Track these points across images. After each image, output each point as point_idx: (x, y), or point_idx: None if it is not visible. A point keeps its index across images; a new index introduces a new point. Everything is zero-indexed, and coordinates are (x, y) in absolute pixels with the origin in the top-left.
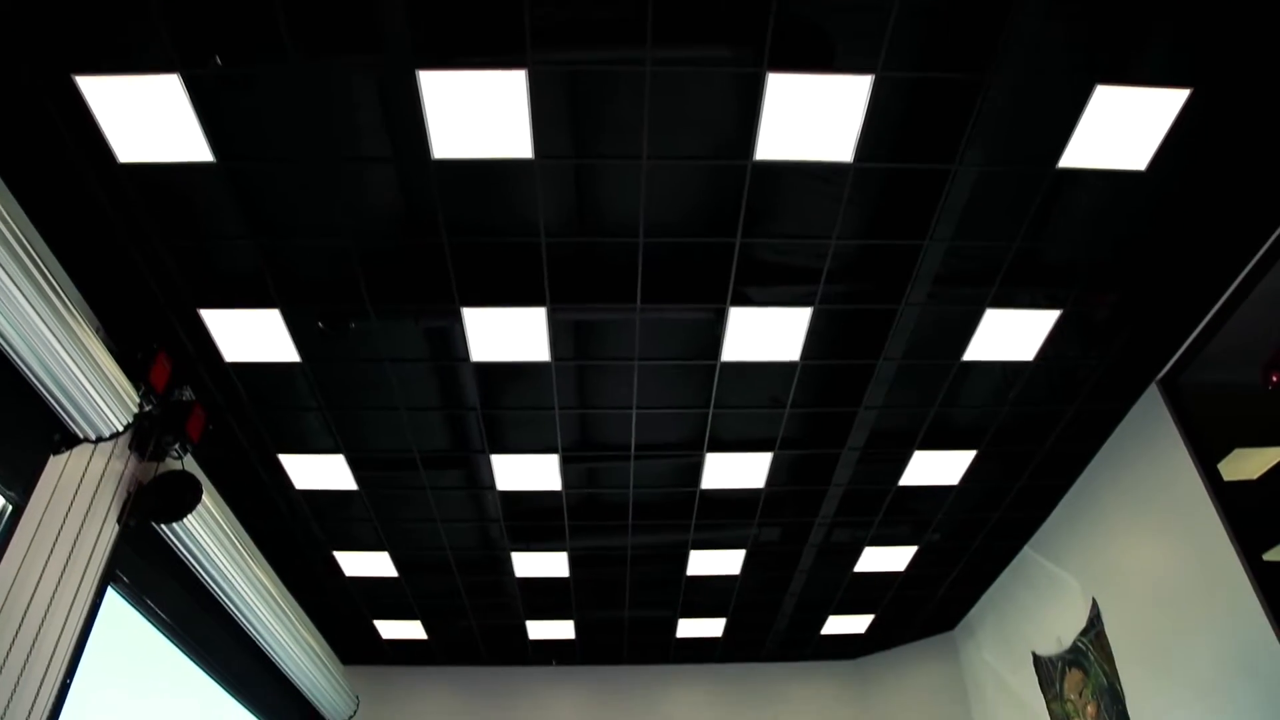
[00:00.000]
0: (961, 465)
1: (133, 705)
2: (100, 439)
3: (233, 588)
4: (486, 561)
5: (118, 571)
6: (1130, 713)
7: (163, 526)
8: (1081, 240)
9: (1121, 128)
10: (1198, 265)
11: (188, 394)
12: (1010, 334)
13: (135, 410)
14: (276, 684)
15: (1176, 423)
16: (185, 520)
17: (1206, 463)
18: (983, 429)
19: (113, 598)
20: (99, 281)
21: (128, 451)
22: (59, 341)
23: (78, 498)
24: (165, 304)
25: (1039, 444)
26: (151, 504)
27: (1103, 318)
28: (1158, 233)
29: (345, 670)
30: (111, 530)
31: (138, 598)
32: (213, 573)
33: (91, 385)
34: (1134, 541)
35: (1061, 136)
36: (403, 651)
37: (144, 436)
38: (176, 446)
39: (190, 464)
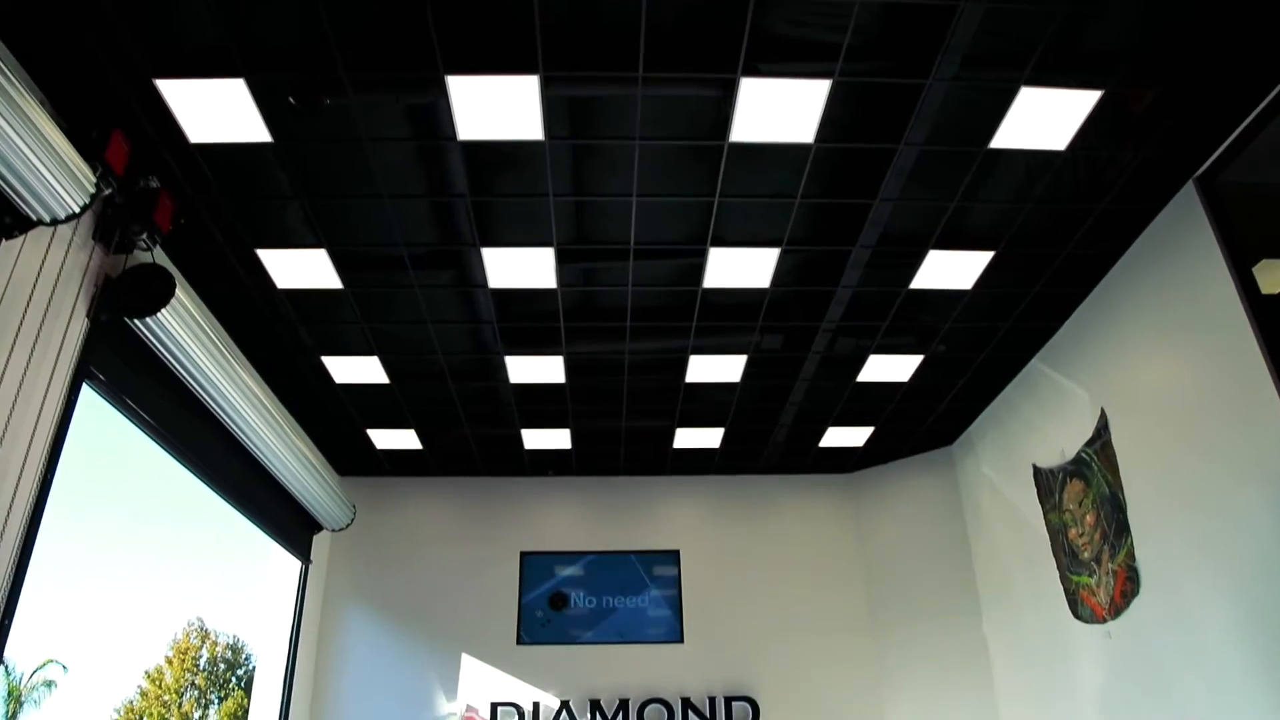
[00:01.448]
0: (977, 268)
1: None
2: (56, 221)
3: (218, 390)
4: (480, 367)
5: (92, 369)
6: (1130, 521)
7: (137, 323)
8: (1127, 20)
9: None
10: (1247, 56)
11: (154, 183)
12: (1043, 118)
13: (92, 191)
14: (271, 491)
15: (1212, 225)
16: (161, 317)
17: (1241, 269)
18: (1003, 229)
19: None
20: (43, 52)
21: (91, 242)
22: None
23: (38, 288)
24: (118, 75)
25: (1060, 246)
26: (122, 298)
27: (1142, 107)
28: (1207, 17)
29: (341, 481)
30: (81, 325)
31: (117, 397)
32: (196, 374)
33: (40, 161)
34: (1150, 352)
35: None
36: (398, 462)
37: (108, 226)
38: (145, 237)
39: (162, 259)
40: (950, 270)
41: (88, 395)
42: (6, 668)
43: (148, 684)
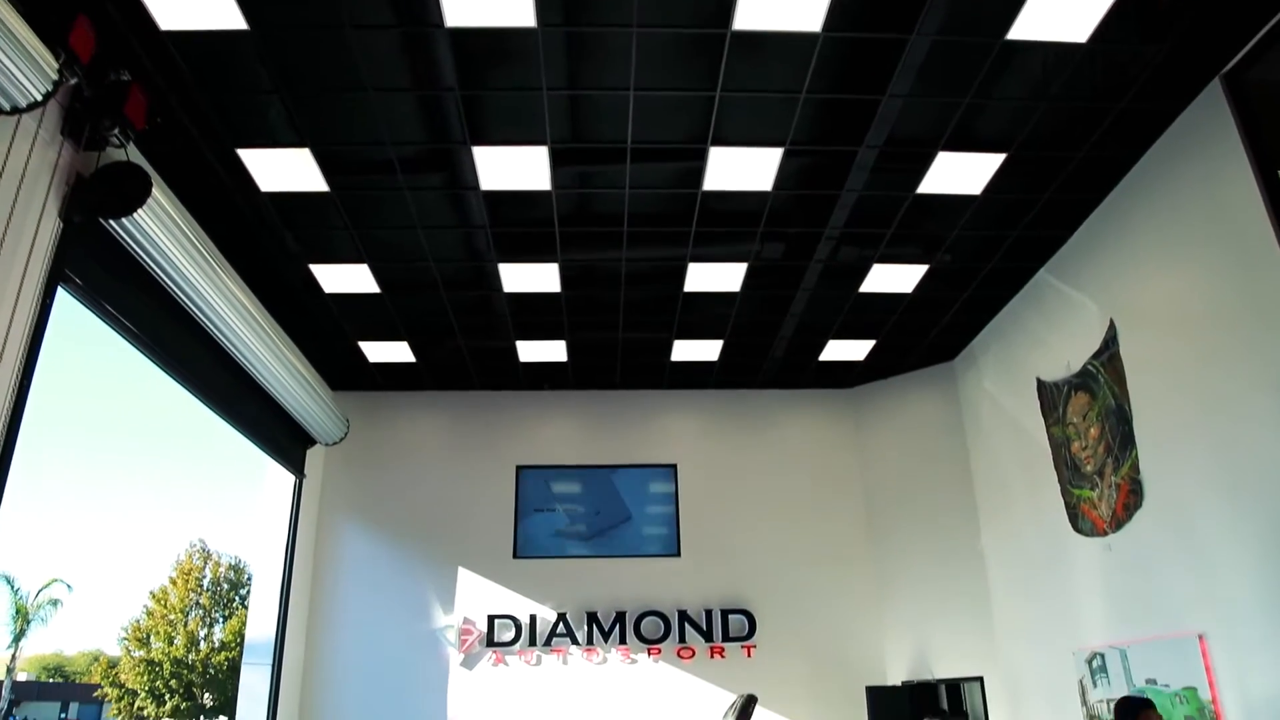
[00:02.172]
0: (987, 172)
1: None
2: (18, 109)
3: (203, 298)
4: (473, 276)
5: (68, 272)
6: (1136, 433)
7: (114, 226)
8: None
9: None
10: None
11: (125, 76)
12: (1064, 8)
13: (54, 77)
14: (262, 404)
15: (1238, 126)
16: (138, 219)
17: (1267, 174)
18: (1016, 130)
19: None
20: None
21: (60, 138)
22: None
23: (3, 184)
24: None
25: (1075, 149)
26: (95, 198)
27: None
28: None
29: (334, 396)
30: (53, 225)
31: (95, 302)
32: (179, 280)
33: None
34: (1163, 262)
35: None
36: (391, 376)
37: (77, 120)
38: (117, 133)
39: (138, 159)
40: (959, 174)
41: (67, 303)
42: (12, 586)
43: (154, 604)
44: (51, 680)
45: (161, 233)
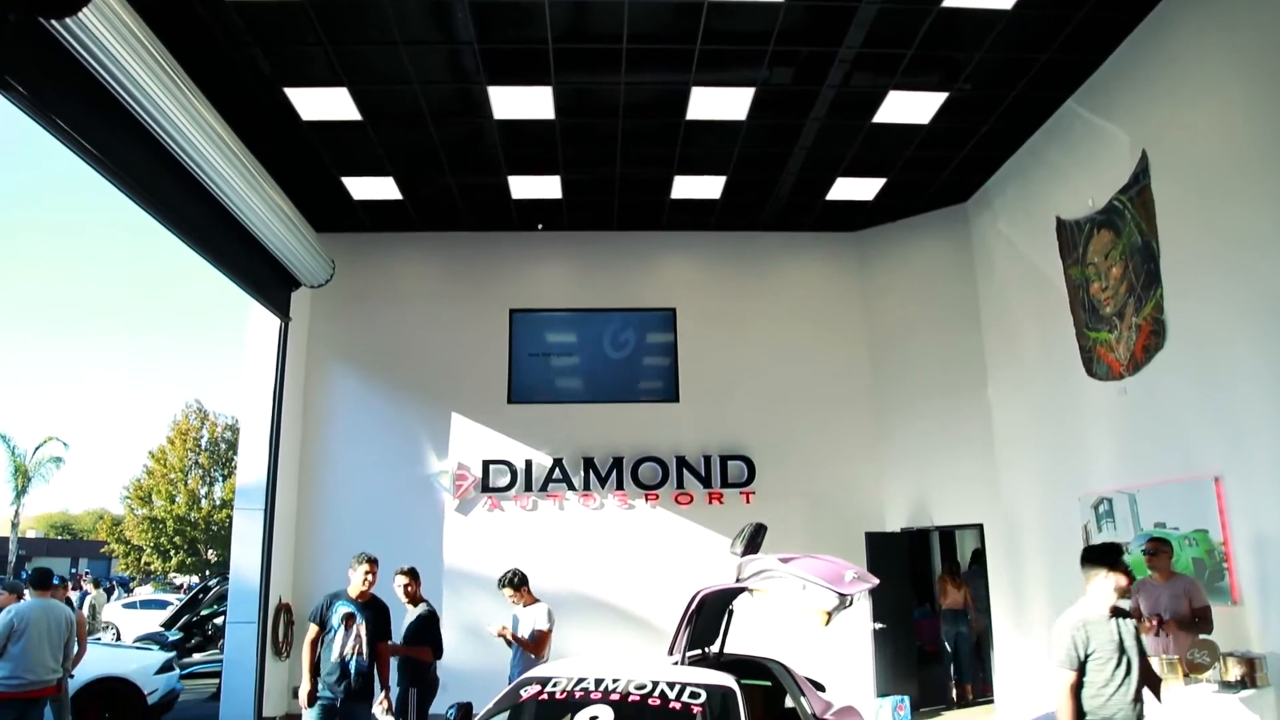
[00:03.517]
0: None
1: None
2: None
3: (168, 119)
4: (461, 101)
5: (7, 78)
6: (1162, 270)
7: (61, 30)
8: None
9: None
10: None
11: None
12: None
13: None
14: (243, 243)
15: None
16: (88, 23)
17: None
18: None
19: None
20: None
21: None
22: None
23: None
24: None
25: None
26: None
27: None
28: None
29: (319, 238)
30: None
31: (42, 113)
32: (140, 98)
33: None
34: (1204, 89)
35: None
36: (377, 215)
37: None
38: None
39: None
40: None
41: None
42: (9, 444)
43: (153, 464)
44: (60, 538)
45: (117, 42)
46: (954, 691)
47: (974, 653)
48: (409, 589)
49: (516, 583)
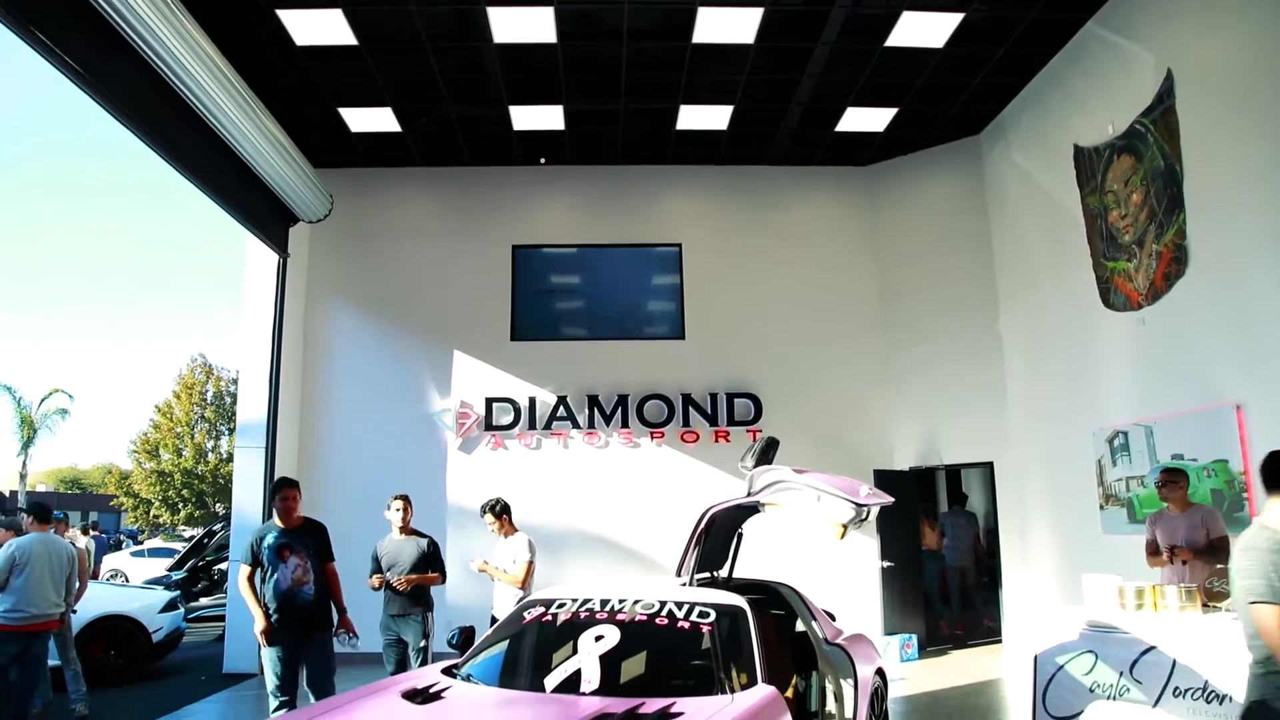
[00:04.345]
0: None
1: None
2: None
3: (159, 42)
4: (459, 23)
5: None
6: (1186, 194)
7: None
8: None
9: None
10: None
11: None
12: None
13: None
14: (237, 172)
15: None
16: None
17: None
18: None
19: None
20: None
21: None
22: None
23: None
24: None
25: None
26: None
27: None
28: None
29: (317, 174)
30: None
31: (35, 38)
32: (129, 19)
33: None
34: (1233, 5)
35: None
36: (376, 149)
37: None
38: None
39: None
40: None
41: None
42: (14, 395)
43: (160, 418)
44: (70, 492)
45: None
46: (943, 630)
47: (958, 594)
48: (406, 516)
49: (498, 510)
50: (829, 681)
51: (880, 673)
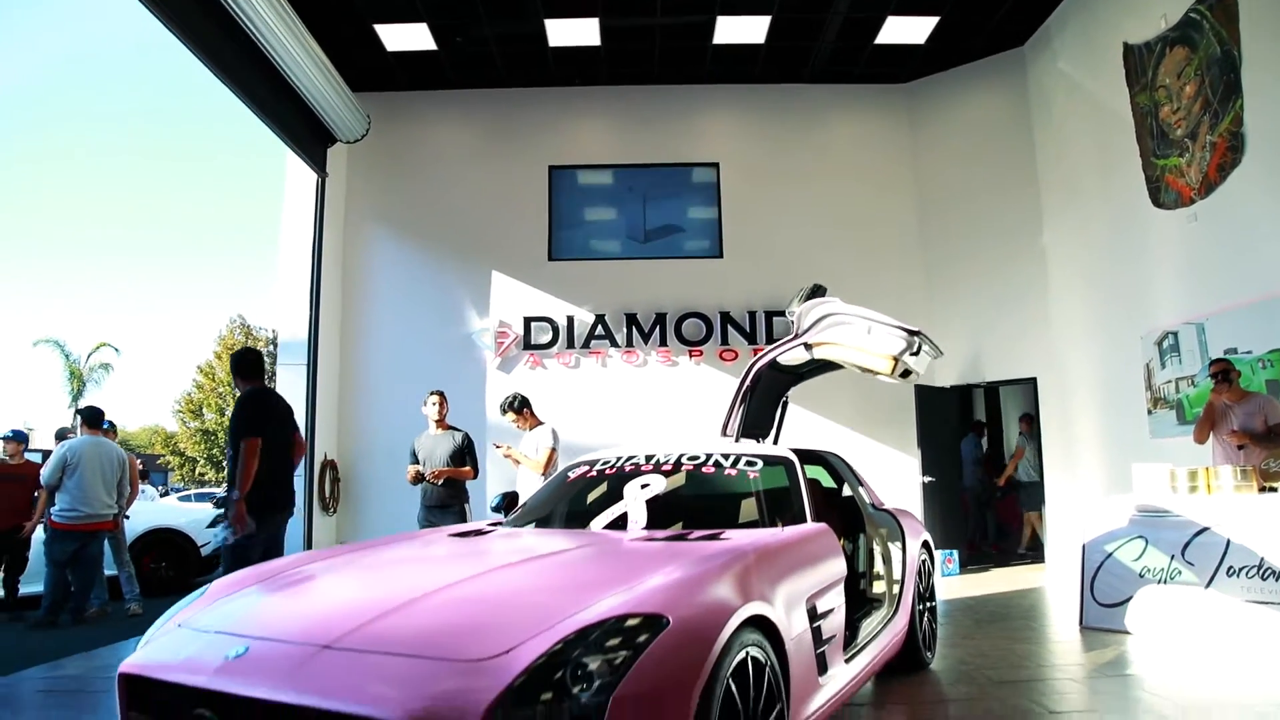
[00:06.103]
0: None
1: None
2: None
3: None
4: None
5: None
6: (1244, 79)
7: None
8: None
9: None
10: None
11: None
12: None
13: None
14: (276, 86)
15: None
16: None
17: None
18: None
19: None
20: None
21: None
22: None
23: None
24: None
25: None
26: None
27: None
28: None
29: (355, 97)
30: None
31: None
32: None
33: None
34: None
35: None
36: (412, 70)
37: None
38: None
39: None
40: None
41: None
42: (63, 349)
43: (202, 378)
44: None
45: None
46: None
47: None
48: (442, 410)
49: (518, 406)
50: (877, 544)
51: (926, 545)
